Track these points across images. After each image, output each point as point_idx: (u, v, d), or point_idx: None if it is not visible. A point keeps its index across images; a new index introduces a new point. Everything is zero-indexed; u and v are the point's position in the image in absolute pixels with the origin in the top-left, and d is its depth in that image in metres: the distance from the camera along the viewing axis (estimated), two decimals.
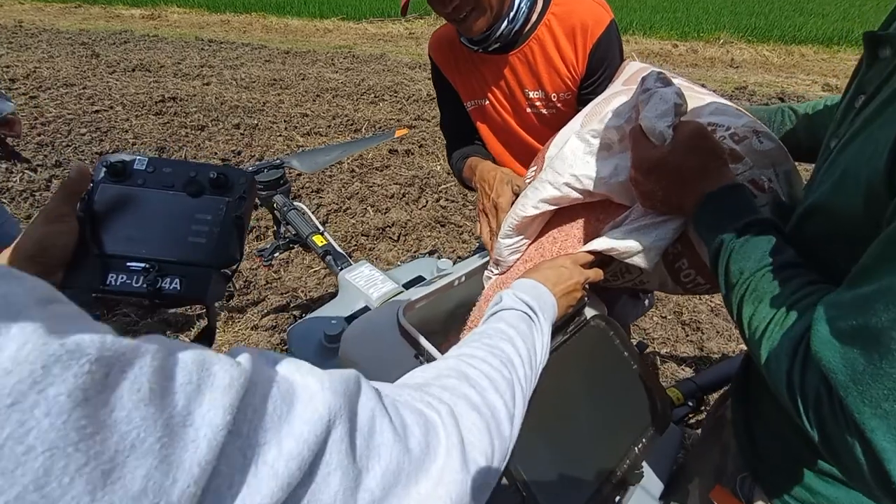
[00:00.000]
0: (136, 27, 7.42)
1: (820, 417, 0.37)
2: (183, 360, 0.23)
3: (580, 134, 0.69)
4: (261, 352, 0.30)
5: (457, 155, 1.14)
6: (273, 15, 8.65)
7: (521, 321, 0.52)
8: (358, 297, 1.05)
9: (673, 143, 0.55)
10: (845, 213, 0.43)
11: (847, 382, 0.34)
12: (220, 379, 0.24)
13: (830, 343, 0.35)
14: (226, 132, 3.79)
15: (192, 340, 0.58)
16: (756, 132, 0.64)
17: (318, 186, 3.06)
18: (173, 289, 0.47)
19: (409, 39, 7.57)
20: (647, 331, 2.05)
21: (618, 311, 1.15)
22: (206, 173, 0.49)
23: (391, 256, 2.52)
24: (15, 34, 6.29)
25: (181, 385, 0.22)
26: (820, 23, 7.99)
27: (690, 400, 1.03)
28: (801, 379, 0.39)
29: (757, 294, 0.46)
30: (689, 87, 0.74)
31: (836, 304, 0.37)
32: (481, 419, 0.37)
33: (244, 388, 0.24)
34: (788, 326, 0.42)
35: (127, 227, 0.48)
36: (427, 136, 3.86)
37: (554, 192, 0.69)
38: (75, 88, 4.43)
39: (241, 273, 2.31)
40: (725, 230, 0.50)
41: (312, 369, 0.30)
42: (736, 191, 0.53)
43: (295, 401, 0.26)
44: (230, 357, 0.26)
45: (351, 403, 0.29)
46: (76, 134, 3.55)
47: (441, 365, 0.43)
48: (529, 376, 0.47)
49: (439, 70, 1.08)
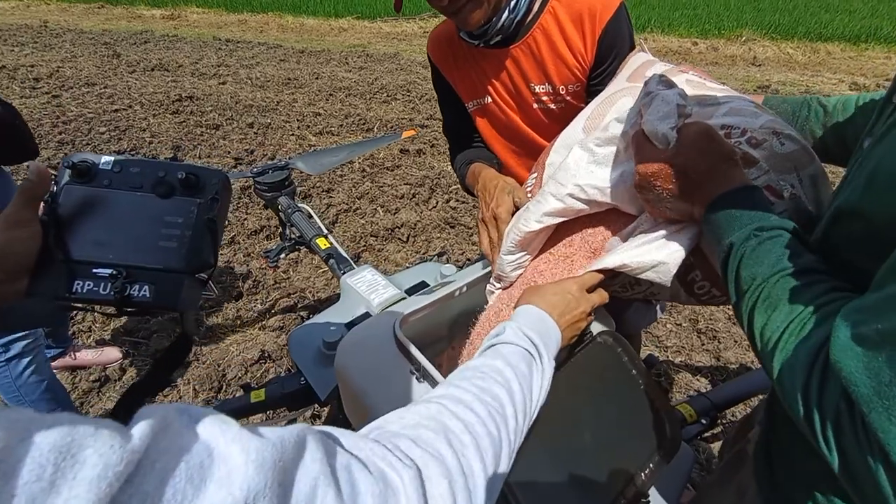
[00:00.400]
0: (156, 27, 7.56)
1: (840, 439, 0.33)
2: (36, 447, 0.18)
3: (584, 144, 0.65)
4: (182, 410, 0.25)
5: (460, 159, 1.10)
6: (289, 14, 8.73)
7: (522, 360, 0.48)
8: (359, 303, 1.03)
9: (677, 145, 0.52)
10: (877, 214, 0.39)
11: (871, 396, 0.30)
12: (89, 469, 0.18)
13: (852, 350, 0.31)
14: (240, 131, 3.83)
15: (166, 349, 0.56)
16: (776, 133, 0.59)
17: (329, 186, 3.06)
18: (143, 296, 0.45)
19: (424, 38, 7.55)
20: (660, 339, 1.99)
21: (628, 319, 1.11)
22: (176, 173, 0.47)
23: (400, 258, 2.50)
24: (40, 34, 6.47)
25: (24, 485, 0.17)
26: (847, 19, 7.71)
27: (704, 417, 0.98)
28: (818, 394, 0.35)
29: (770, 301, 0.42)
30: (700, 84, 0.69)
31: (860, 308, 0.33)
32: (450, 490, 0.32)
33: (126, 475, 0.19)
34: (805, 336, 0.38)
35: (93, 230, 0.46)
36: (439, 135, 3.84)
37: (557, 204, 0.65)
38: (96, 88, 4.53)
39: (249, 273, 2.32)
40: (737, 233, 0.47)
41: (241, 434, 0.24)
42: (749, 192, 0.49)
43: (207, 480, 0.22)
44: (120, 430, 0.21)
45: (285, 474, 0.24)
46: (96, 132, 3.63)
47: (423, 412, 0.38)
48: (521, 428, 0.43)
49: (438, 70, 1.04)
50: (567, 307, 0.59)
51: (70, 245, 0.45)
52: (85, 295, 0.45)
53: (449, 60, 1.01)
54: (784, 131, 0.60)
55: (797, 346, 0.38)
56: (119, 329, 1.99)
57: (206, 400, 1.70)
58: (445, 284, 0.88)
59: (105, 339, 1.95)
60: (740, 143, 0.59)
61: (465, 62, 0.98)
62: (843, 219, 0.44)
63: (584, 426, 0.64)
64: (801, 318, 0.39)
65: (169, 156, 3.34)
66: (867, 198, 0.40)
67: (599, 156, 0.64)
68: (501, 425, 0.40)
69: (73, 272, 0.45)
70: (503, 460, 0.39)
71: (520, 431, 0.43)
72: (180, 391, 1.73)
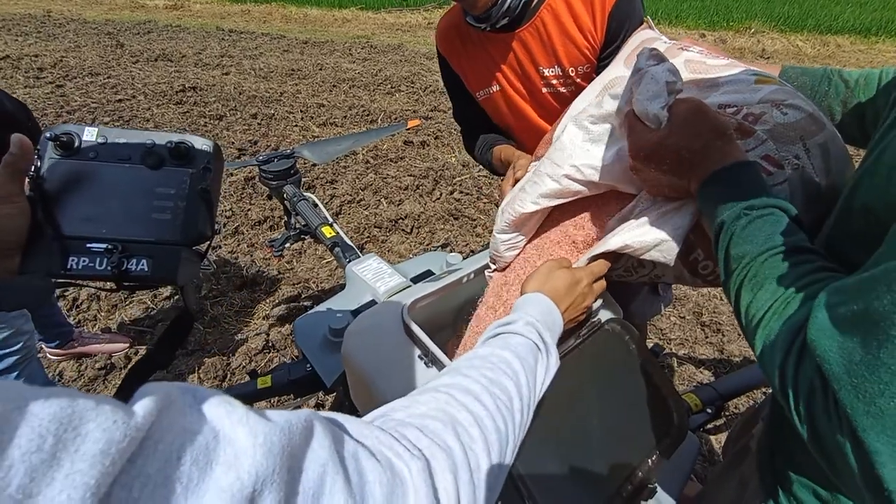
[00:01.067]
0: (159, 17, 7.52)
1: (811, 413, 0.34)
2: (35, 416, 0.17)
3: (577, 121, 0.63)
4: (185, 389, 0.24)
5: (480, 144, 1.08)
6: (293, 4, 8.66)
7: (530, 354, 0.47)
8: (365, 291, 1.03)
9: (669, 124, 0.51)
10: (876, 204, 0.39)
11: (841, 374, 0.31)
12: (91, 443, 0.17)
13: (828, 330, 0.32)
14: (243, 122, 3.82)
15: (169, 325, 0.55)
16: (777, 104, 0.57)
17: (333, 177, 3.05)
18: (140, 270, 0.44)
19: (428, 29, 7.48)
20: (663, 331, 1.98)
21: (634, 309, 1.10)
22: (164, 143, 0.46)
23: (403, 249, 2.50)
24: (44, 24, 6.45)
25: (24, 455, 0.16)
26: (858, 11, 7.59)
27: (709, 407, 0.98)
28: (794, 370, 0.36)
29: (757, 280, 0.42)
30: (700, 62, 0.66)
31: (839, 289, 0.34)
32: (454, 484, 0.31)
33: (130, 453, 0.18)
34: (788, 316, 0.38)
35: (83, 204, 0.44)
36: (443, 127, 3.82)
37: (554, 185, 0.64)
38: (100, 78, 4.52)
39: (253, 263, 2.32)
40: (728, 211, 0.46)
41: (247, 415, 0.23)
42: (743, 168, 0.48)
43: (213, 462, 0.21)
44: (122, 406, 0.20)
45: (293, 460, 0.24)
46: (100, 122, 3.62)
47: (430, 401, 0.37)
48: (525, 423, 0.42)
49: (447, 62, 1.02)
50: (574, 302, 0.59)
51: (61, 221, 0.44)
52: (81, 271, 0.44)
53: (457, 51, 0.99)
54: (787, 101, 0.57)
55: (780, 326, 0.38)
56: (124, 318, 2.00)
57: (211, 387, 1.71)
58: (451, 273, 0.88)
59: (111, 328, 1.97)
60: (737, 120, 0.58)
61: (474, 50, 0.97)
62: (855, 212, 0.44)
63: (591, 412, 0.64)
64: (786, 297, 0.39)
65: None
66: (878, 192, 0.40)
67: (595, 133, 0.62)
68: (508, 419, 0.39)
69: (67, 248, 0.44)
70: (508, 455, 0.38)
71: (524, 426, 0.42)
72: (185, 379, 1.74)
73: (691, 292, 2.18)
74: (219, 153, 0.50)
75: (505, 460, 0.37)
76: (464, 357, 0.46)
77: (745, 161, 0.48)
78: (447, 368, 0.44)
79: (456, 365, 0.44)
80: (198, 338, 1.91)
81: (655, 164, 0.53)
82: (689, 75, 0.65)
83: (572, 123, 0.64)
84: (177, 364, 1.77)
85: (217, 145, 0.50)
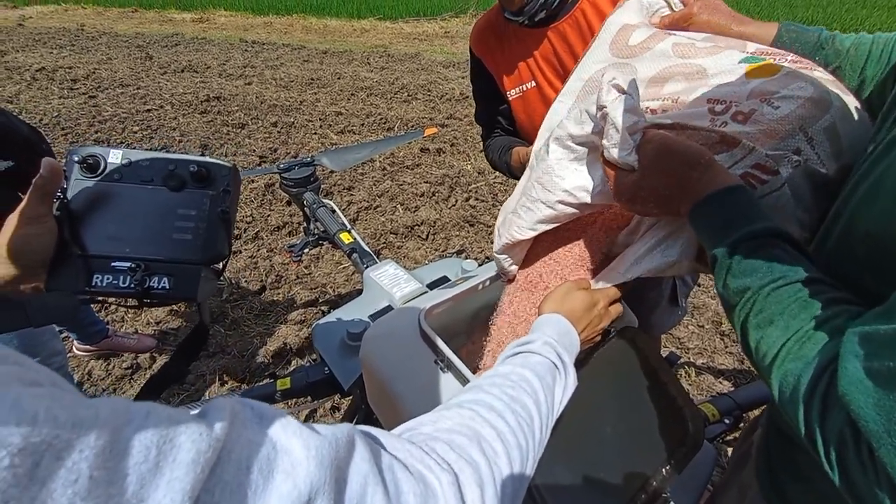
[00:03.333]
0: (186, 30, 7.79)
1: (843, 463, 0.33)
2: (142, 431, 0.19)
3: (560, 139, 0.61)
4: (245, 403, 0.26)
5: (498, 146, 1.09)
6: (313, 16, 8.87)
7: (549, 373, 0.48)
8: (382, 297, 1.05)
9: (641, 167, 0.50)
10: (882, 232, 0.37)
11: (881, 433, 0.29)
12: (185, 453, 0.20)
13: (862, 384, 0.30)
14: (264, 130, 3.92)
15: (185, 339, 0.58)
16: (767, 98, 0.53)
17: (350, 184, 3.11)
18: (162, 287, 0.46)
19: (444, 38, 7.57)
20: (681, 340, 1.95)
21: (654, 322, 1.10)
22: (187, 166, 0.48)
23: (419, 255, 2.52)
24: (77, 37, 6.75)
25: (135, 465, 0.18)
26: (885, 16, 7.38)
27: (727, 417, 0.97)
28: (820, 418, 0.34)
29: (765, 315, 0.40)
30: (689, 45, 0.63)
31: (869, 338, 0.32)
32: (481, 497, 0.33)
33: (213, 461, 0.21)
34: (807, 358, 0.36)
35: (108, 224, 0.46)
36: (459, 134, 3.85)
37: (549, 211, 0.63)
38: (130, 88, 4.70)
39: (272, 268, 2.38)
40: (719, 244, 0.44)
41: (300, 429, 0.26)
42: (726, 196, 0.45)
43: (274, 471, 0.23)
44: (202, 419, 0.22)
45: (339, 472, 0.25)
46: (129, 132, 3.77)
47: (455, 417, 0.38)
48: (544, 440, 0.44)
49: (481, 63, 1.02)
50: (591, 323, 0.60)
51: (86, 240, 0.46)
52: (105, 288, 0.46)
53: (493, 50, 0.99)
54: (779, 93, 0.53)
55: (797, 368, 0.37)
56: (149, 320, 2.07)
57: (232, 388, 1.75)
58: (467, 279, 0.89)
59: (137, 329, 2.04)
60: (725, 123, 0.55)
61: (510, 46, 0.96)
62: (846, 235, 0.43)
63: (606, 422, 0.65)
64: (799, 336, 0.37)
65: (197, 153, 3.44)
66: (870, 215, 0.39)
67: (580, 153, 0.60)
68: (529, 436, 0.40)
69: (92, 266, 0.45)
70: (528, 470, 0.39)
71: (542, 443, 0.43)
72: (207, 380, 1.79)
73: (710, 301, 2.14)
74: (237, 175, 0.52)
75: (526, 474, 0.39)
76: (485, 375, 0.47)
77: (727, 187, 0.46)
78: (470, 385, 0.45)
79: (479, 382, 0.45)
80: (219, 340, 1.96)
81: (640, 204, 0.53)
82: (677, 60, 0.62)
83: (555, 142, 0.62)
84: (198, 365, 1.82)
85: (236, 167, 0.52)
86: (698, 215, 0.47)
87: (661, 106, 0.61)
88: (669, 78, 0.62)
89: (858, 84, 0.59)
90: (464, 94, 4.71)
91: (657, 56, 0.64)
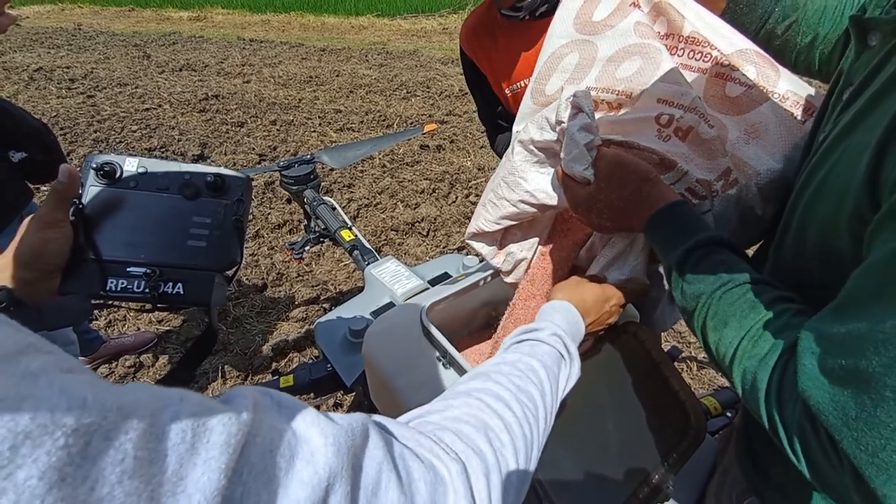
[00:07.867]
0: (183, 29, 7.77)
1: (808, 454, 0.35)
2: (179, 414, 0.20)
3: (524, 143, 0.63)
4: (264, 392, 0.27)
5: (505, 140, 1.09)
6: (311, 13, 8.83)
7: (555, 363, 0.48)
8: (383, 293, 1.05)
9: (596, 181, 0.53)
10: (829, 226, 0.39)
11: (840, 427, 0.31)
12: (218, 435, 0.21)
13: (819, 381, 0.32)
14: (263, 128, 3.91)
15: (194, 342, 0.58)
16: (704, 115, 0.56)
17: (350, 181, 3.11)
18: (176, 293, 0.47)
19: (443, 35, 7.54)
20: (683, 334, 1.96)
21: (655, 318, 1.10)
22: (203, 176, 0.49)
23: (420, 252, 2.52)
24: (74, 37, 6.73)
25: (174, 446, 0.20)
26: None
27: (729, 410, 0.97)
28: (779, 412, 0.36)
29: (719, 318, 0.43)
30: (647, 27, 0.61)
31: (824, 336, 0.33)
32: (487, 486, 0.34)
33: (241, 444, 0.22)
34: (759, 355, 0.39)
35: (123, 230, 0.47)
36: (458, 131, 3.84)
37: (512, 209, 0.65)
38: (128, 88, 4.69)
39: (273, 266, 2.38)
40: (672, 254, 0.48)
41: (318, 418, 0.27)
42: (674, 209, 0.49)
43: (295, 458, 0.24)
44: (230, 405, 0.24)
45: (356, 459, 0.27)
46: (128, 131, 3.76)
47: (462, 406, 0.39)
48: (547, 430, 0.44)
49: (472, 63, 1.03)
50: (600, 316, 0.60)
51: (101, 245, 0.47)
52: (119, 293, 0.47)
53: (487, 48, 0.99)
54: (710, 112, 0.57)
55: (754, 365, 0.39)
56: (151, 319, 2.07)
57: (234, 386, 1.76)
58: (468, 275, 0.89)
59: (139, 328, 2.04)
60: (669, 137, 0.58)
61: (506, 42, 0.96)
62: (796, 227, 0.45)
63: (608, 415, 0.65)
64: (751, 334, 0.40)
65: (196, 153, 3.44)
66: (819, 207, 0.40)
67: (541, 157, 0.63)
68: (534, 426, 0.41)
69: (107, 270, 0.46)
70: (532, 460, 0.40)
71: (546, 433, 0.44)
72: (209, 377, 1.79)
73: None
74: (249, 185, 0.53)
75: (530, 465, 0.39)
76: (492, 362, 0.47)
77: (672, 203, 0.50)
78: (476, 371, 0.45)
79: (485, 369, 0.45)
80: (221, 338, 1.97)
81: (595, 216, 0.56)
82: (636, 39, 0.61)
83: (519, 144, 0.64)
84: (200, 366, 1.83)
85: (249, 178, 0.53)
86: (651, 227, 0.51)
87: (616, 100, 0.62)
88: (627, 57, 0.62)
89: (811, 41, 0.58)
90: (463, 91, 4.70)
91: (618, 34, 0.63)
